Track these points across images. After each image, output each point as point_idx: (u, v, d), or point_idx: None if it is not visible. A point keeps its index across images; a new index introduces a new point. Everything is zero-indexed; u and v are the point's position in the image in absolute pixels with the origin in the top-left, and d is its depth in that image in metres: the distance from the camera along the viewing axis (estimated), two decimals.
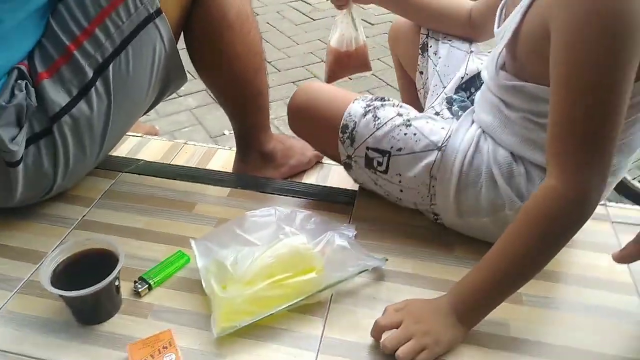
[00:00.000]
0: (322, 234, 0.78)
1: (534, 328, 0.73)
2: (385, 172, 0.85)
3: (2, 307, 0.75)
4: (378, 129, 0.83)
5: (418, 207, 0.88)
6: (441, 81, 0.96)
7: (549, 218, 0.62)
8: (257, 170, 1.10)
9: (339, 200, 0.96)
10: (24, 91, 0.78)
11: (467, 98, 0.93)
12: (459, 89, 0.94)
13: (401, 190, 0.86)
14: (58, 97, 0.81)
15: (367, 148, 0.84)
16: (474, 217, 0.82)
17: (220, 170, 1.10)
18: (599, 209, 0.95)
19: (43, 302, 0.75)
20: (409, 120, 0.83)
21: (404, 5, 0.99)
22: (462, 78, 0.94)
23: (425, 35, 1.01)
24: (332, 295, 0.76)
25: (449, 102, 0.92)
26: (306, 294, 0.72)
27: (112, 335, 0.71)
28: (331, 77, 1.09)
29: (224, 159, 1.20)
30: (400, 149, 0.82)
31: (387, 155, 0.83)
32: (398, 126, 0.83)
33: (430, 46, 0.99)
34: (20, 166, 0.81)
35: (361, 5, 1.04)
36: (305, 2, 3.07)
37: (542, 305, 0.77)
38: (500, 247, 0.66)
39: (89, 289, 0.67)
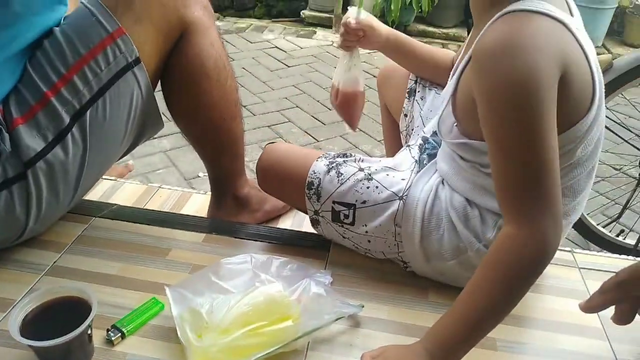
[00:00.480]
0: (298, 281, 0.79)
1: None
2: (352, 224, 0.88)
3: None
4: (342, 184, 0.87)
5: (387, 257, 0.91)
6: (423, 124, 1.01)
7: (509, 265, 0.65)
8: (232, 215, 1.10)
9: (314, 245, 0.97)
10: None
11: (440, 144, 0.97)
12: (435, 133, 0.98)
13: (369, 241, 0.88)
14: (33, 142, 0.81)
15: (334, 202, 0.87)
16: (440, 262, 0.84)
17: (195, 215, 1.10)
18: (566, 256, 0.99)
19: (11, 353, 0.72)
20: (370, 175, 0.87)
21: (400, 55, 1.04)
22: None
23: (413, 82, 1.06)
24: (308, 343, 0.76)
25: (424, 141, 0.96)
26: (283, 342, 0.72)
27: None
28: (356, 120, 1.08)
29: (198, 203, 1.20)
30: (364, 202, 0.86)
31: (353, 207, 0.86)
32: (360, 180, 0.86)
33: (418, 91, 1.05)
34: None
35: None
36: (280, 49, 3.16)
37: (515, 351, 0.78)
38: (469, 291, 0.68)
39: (59, 338, 0.65)
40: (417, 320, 0.81)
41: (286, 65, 2.92)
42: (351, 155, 0.93)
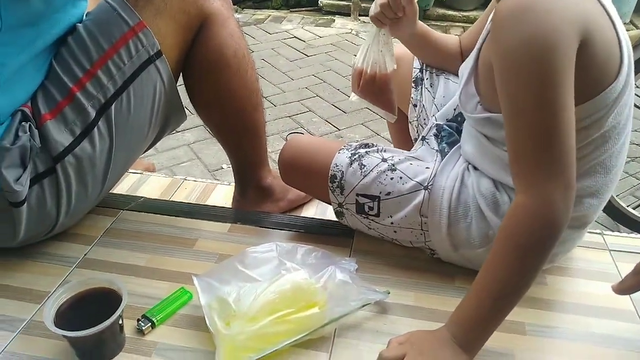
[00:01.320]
0: (323, 268, 0.79)
1: (538, 357, 0.73)
2: (377, 215, 0.87)
3: (4, 349, 0.74)
4: (365, 176, 0.86)
5: (414, 245, 0.90)
6: (438, 111, 0.99)
7: (519, 233, 0.64)
8: (256, 205, 1.11)
9: (338, 233, 0.97)
10: (28, 133, 0.80)
11: (456, 129, 0.96)
12: (451, 120, 0.97)
13: (395, 232, 0.88)
14: (61, 137, 0.83)
15: (357, 194, 0.87)
16: (469, 250, 0.83)
17: (220, 205, 1.11)
18: (596, 238, 0.97)
19: (47, 343, 0.74)
20: (393, 165, 0.86)
21: (422, 44, 0.99)
22: (455, 110, 0.97)
23: (418, 70, 1.04)
24: (335, 329, 0.76)
25: (438, 130, 0.94)
26: (310, 329, 0.72)
27: None
28: (394, 105, 0.99)
29: (223, 194, 1.21)
30: (389, 193, 0.85)
31: (377, 199, 0.86)
32: (384, 172, 0.85)
33: (426, 79, 1.02)
34: (24, 206, 0.82)
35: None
36: (298, 39, 3.15)
37: (545, 335, 0.77)
38: (486, 269, 0.67)
39: (92, 328, 0.67)
40: (443, 306, 0.81)
41: (305, 55, 2.91)
42: (373, 145, 0.92)
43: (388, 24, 0.90)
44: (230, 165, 1.14)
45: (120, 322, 0.72)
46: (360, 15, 3.52)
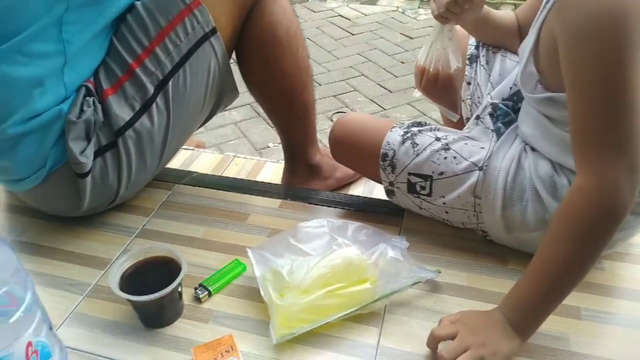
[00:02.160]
0: (374, 245, 0.79)
1: (593, 342, 0.72)
2: (429, 195, 0.86)
3: (74, 309, 0.79)
4: (417, 155, 0.85)
5: (466, 226, 0.89)
6: (493, 89, 0.97)
7: (580, 217, 0.62)
8: (304, 182, 1.12)
9: (387, 212, 0.97)
10: (92, 107, 0.83)
11: (512, 109, 0.93)
12: (507, 99, 0.94)
13: (446, 212, 0.87)
14: (122, 112, 0.86)
15: (409, 174, 0.86)
16: (523, 233, 0.81)
17: (270, 182, 1.13)
18: None
19: (111, 306, 0.79)
20: (447, 144, 0.84)
21: (483, 26, 0.96)
22: (511, 89, 0.94)
23: (474, 47, 1.01)
24: (385, 306, 0.77)
25: (494, 109, 0.92)
26: (361, 304, 0.74)
27: (176, 338, 0.74)
28: (459, 104, 0.97)
29: (272, 171, 1.23)
30: (441, 173, 0.84)
31: (429, 179, 0.85)
32: (437, 151, 0.84)
33: (482, 56, 1.00)
34: (89, 177, 0.86)
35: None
36: (343, 17, 3.12)
37: (601, 320, 0.75)
38: (543, 253, 0.66)
39: (155, 294, 0.70)
40: (495, 287, 0.80)
41: (350, 34, 2.88)
42: (426, 124, 0.91)
43: (454, 19, 0.87)
44: (276, 144, 1.16)
45: (179, 289, 0.75)
46: None
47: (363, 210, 0.99)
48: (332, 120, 2.02)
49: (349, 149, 0.95)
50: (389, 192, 0.92)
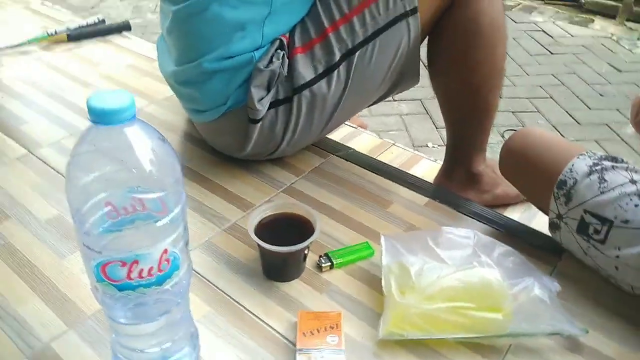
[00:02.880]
0: (519, 276, 0.71)
1: None
2: (602, 242, 0.73)
3: (209, 238, 0.85)
4: (603, 193, 0.73)
5: (635, 292, 0.74)
6: None
7: None
8: (458, 189, 1.05)
9: (543, 246, 0.86)
10: (280, 60, 0.87)
11: None
12: None
13: (616, 268, 0.73)
14: (305, 71, 0.88)
15: (585, 211, 0.74)
16: None
17: (422, 178, 1.08)
18: None
19: (242, 247, 0.83)
20: None
21: None
22: None
23: None
24: (510, 345, 0.69)
25: None
26: (485, 333, 0.66)
27: (288, 296, 0.75)
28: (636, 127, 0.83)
29: (426, 168, 1.18)
30: (627, 221, 0.70)
31: (609, 224, 0.72)
32: (628, 195, 0.71)
33: None
34: (258, 125, 0.91)
35: None
36: (546, 33, 2.86)
37: None
38: None
39: (284, 247, 0.72)
40: None
41: (549, 52, 2.63)
42: (623, 161, 0.77)
43: None
44: (435, 146, 1.10)
45: (306, 251, 0.76)
46: (628, 20, 3.02)
47: (515, 235, 0.89)
48: (503, 137, 1.88)
49: (522, 164, 0.85)
50: (553, 226, 0.81)
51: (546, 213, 0.82)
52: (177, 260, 0.51)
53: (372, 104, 1.07)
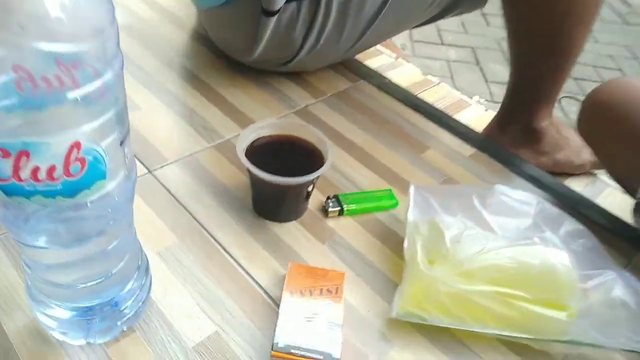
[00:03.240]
0: (594, 266, 0.51)
1: None
2: None
3: (193, 153, 0.67)
4: None
5: None
6: None
7: None
8: (511, 144, 0.84)
9: (619, 234, 0.66)
10: None
11: None
12: None
13: None
14: None
15: None
16: None
17: (469, 125, 0.87)
18: None
19: (231, 170, 0.65)
20: None
21: None
22: None
23: None
24: (567, 356, 0.50)
25: None
26: (537, 334, 0.48)
27: (279, 240, 0.57)
28: None
29: (473, 117, 0.96)
30: None
31: None
32: None
33: None
34: (274, 18, 0.70)
35: None
36: (625, 1, 2.51)
37: None
38: None
39: (282, 178, 0.53)
40: None
41: (625, 22, 2.31)
42: None
43: None
44: (482, 101, 0.88)
45: (310, 187, 0.57)
46: None
47: (584, 215, 0.68)
48: (559, 103, 1.63)
49: (608, 122, 0.64)
50: (638, 209, 0.61)
51: (632, 192, 0.62)
52: (100, 164, 0.33)
53: (420, 24, 0.85)
